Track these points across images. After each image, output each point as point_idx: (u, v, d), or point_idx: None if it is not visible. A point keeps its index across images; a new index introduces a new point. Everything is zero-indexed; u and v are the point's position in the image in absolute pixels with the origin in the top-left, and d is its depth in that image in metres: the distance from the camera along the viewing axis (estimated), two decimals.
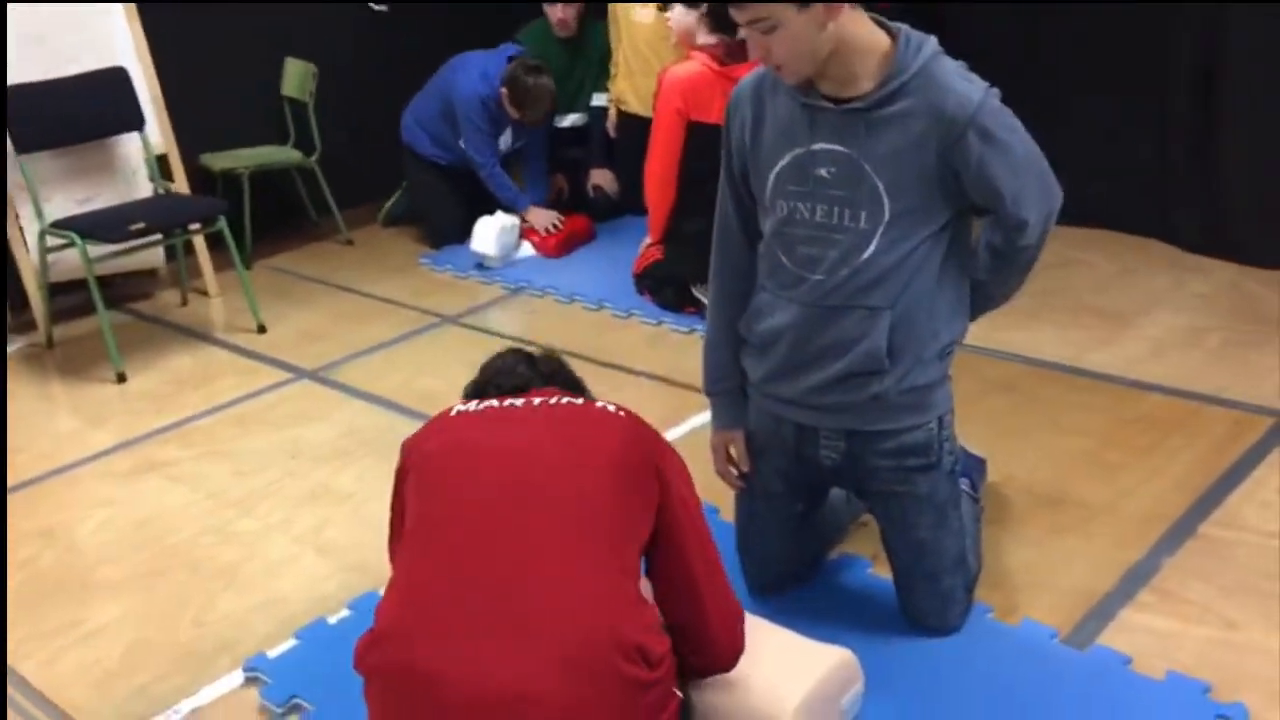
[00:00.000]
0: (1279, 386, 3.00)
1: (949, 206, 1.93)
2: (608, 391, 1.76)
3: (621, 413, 1.77)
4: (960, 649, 2.10)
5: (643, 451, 1.72)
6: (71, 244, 3.65)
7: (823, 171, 1.92)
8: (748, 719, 1.83)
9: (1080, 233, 4.23)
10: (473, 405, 1.80)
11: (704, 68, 3.60)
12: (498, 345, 2.03)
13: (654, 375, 3.43)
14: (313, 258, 4.88)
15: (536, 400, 1.78)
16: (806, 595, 2.29)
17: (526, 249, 4.52)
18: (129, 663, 2.29)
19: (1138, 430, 2.86)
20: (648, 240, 4.00)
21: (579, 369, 2.01)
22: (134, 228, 3.57)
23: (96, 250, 3.70)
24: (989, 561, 2.34)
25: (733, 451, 2.22)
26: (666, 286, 3.89)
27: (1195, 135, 3.95)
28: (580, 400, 1.82)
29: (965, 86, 1.85)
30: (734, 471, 2.23)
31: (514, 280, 4.30)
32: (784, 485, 2.18)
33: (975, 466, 2.54)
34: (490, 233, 4.37)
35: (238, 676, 2.21)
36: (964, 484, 2.41)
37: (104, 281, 4.42)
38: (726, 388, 2.21)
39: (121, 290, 4.52)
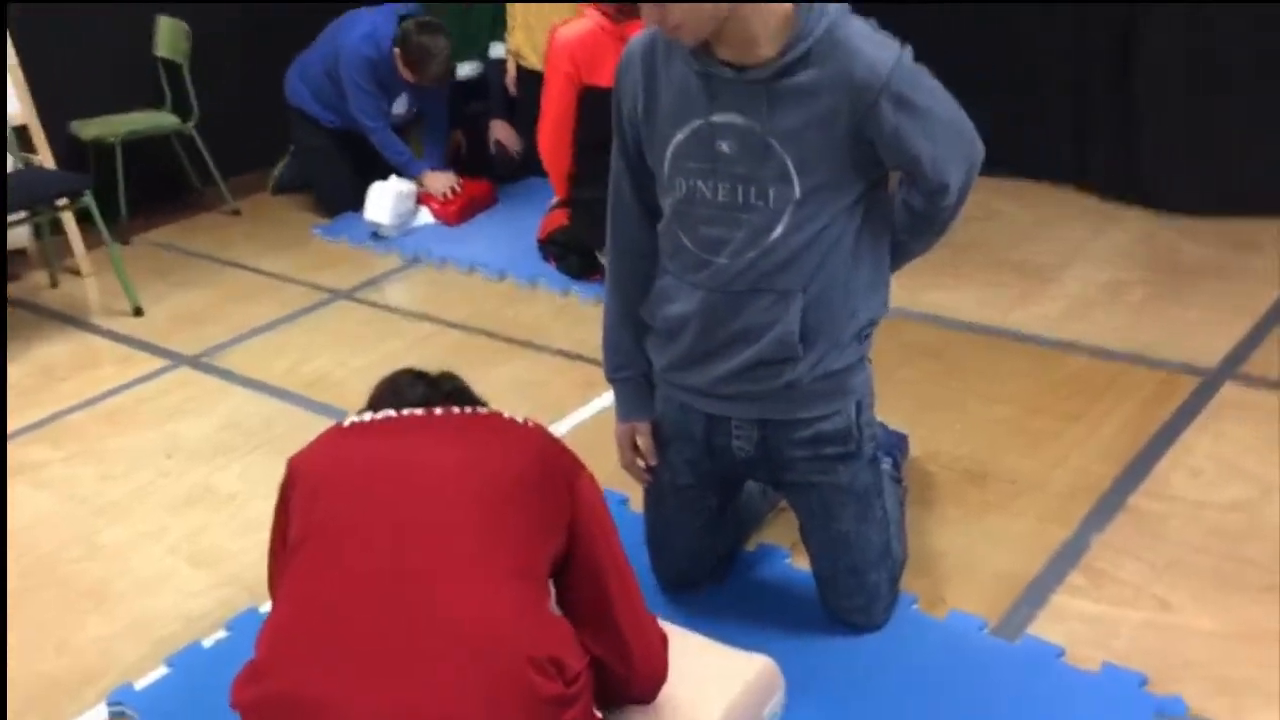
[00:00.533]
0: (1202, 343, 2.91)
1: (863, 177, 1.77)
2: (514, 369, 1.58)
3: (529, 423, 1.62)
4: (885, 645, 1.98)
5: (552, 463, 1.59)
6: None
7: (724, 146, 1.74)
8: None
9: (995, 183, 4.10)
10: (368, 416, 1.62)
11: (596, 26, 3.33)
12: (394, 322, 1.84)
13: (561, 350, 3.24)
14: (196, 231, 4.59)
15: (439, 410, 1.62)
16: (722, 592, 2.14)
17: (425, 216, 4.27)
18: None
19: (1064, 394, 2.75)
20: (554, 201, 3.79)
21: (483, 346, 1.83)
22: None
23: None
24: (914, 545, 2.21)
25: (639, 443, 2.05)
26: (571, 254, 3.69)
27: (1112, 76, 3.84)
28: (485, 410, 1.66)
29: (875, 51, 1.66)
30: (641, 464, 2.07)
31: (411, 250, 4.07)
32: (694, 478, 2.02)
33: (897, 444, 2.41)
34: (385, 200, 4.13)
35: (102, 712, 2.01)
36: (886, 464, 2.27)
37: None
38: (629, 375, 2.04)
39: None
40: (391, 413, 1.62)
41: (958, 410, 2.71)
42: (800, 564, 2.17)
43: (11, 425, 3.07)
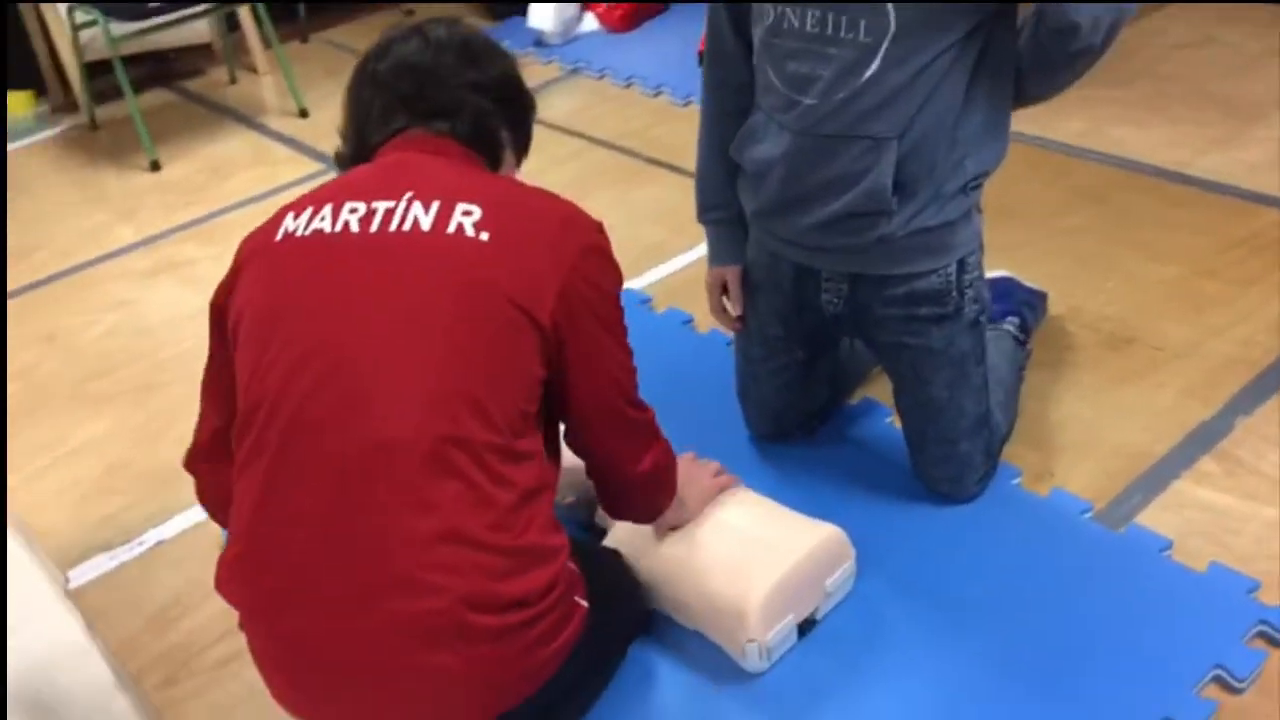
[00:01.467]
0: None
1: (978, 6, 1.55)
2: (653, 192, 1.43)
3: (485, 235, 1.30)
4: (972, 520, 1.85)
5: (519, 298, 1.30)
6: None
7: None
8: (711, 605, 1.64)
9: (1218, 5, 3.63)
10: (302, 221, 1.35)
11: None
12: (543, 135, 1.71)
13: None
14: (370, 30, 4.55)
15: (398, 216, 1.31)
16: (813, 446, 2.04)
17: (590, 22, 4.12)
18: (105, 485, 2.21)
19: (1242, 255, 2.45)
20: None
21: (625, 165, 1.67)
22: (153, 4, 3.33)
23: (127, 28, 3.49)
24: (1033, 413, 2.05)
25: (730, 289, 1.94)
26: None
27: None
28: (465, 210, 1.32)
29: None
30: (730, 313, 1.96)
31: (572, 59, 3.95)
32: (782, 329, 1.90)
33: (1030, 301, 2.21)
34: (548, 5, 3.99)
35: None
36: (1009, 324, 2.11)
37: (158, 57, 4.29)
38: (721, 217, 1.91)
39: (175, 66, 4.35)
40: (324, 224, 1.33)
41: (1116, 266, 2.46)
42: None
43: (168, 223, 3.20)
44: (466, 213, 1.30)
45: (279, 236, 1.36)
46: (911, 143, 1.61)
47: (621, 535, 1.74)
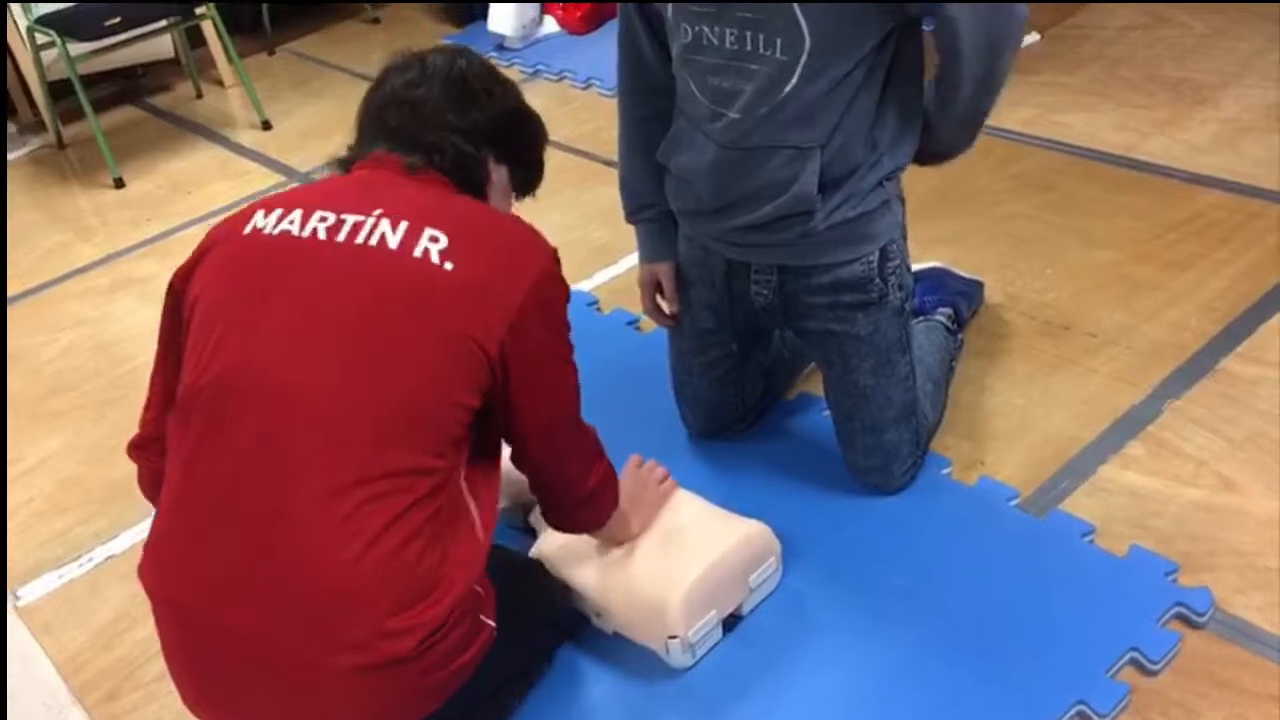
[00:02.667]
0: None
1: (886, 18, 1.58)
2: (605, 193, 1.46)
3: (449, 265, 1.33)
4: (899, 513, 1.87)
5: (471, 329, 1.33)
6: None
7: None
8: (633, 603, 1.67)
9: None
10: (272, 219, 1.39)
11: None
12: None
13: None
14: (336, 40, 4.61)
15: (366, 230, 1.34)
16: (745, 442, 2.07)
17: (550, 25, 4.15)
18: (57, 502, 2.25)
19: (1179, 238, 2.47)
20: None
21: (581, 167, 1.69)
22: (109, 23, 3.36)
23: (85, 47, 3.52)
24: (966, 402, 2.08)
25: (663, 285, 1.97)
26: None
27: None
28: (425, 229, 1.35)
29: None
30: (665, 310, 1.99)
31: (533, 63, 3.98)
32: (714, 322, 1.93)
33: (965, 291, 2.24)
34: (507, 9, 4.02)
35: None
36: (941, 314, 2.14)
37: (125, 73, 4.32)
38: (651, 215, 1.93)
39: (143, 83, 4.39)
40: (292, 225, 1.37)
41: (1054, 253, 2.47)
42: None
43: (129, 240, 3.23)
44: (433, 239, 1.33)
45: (247, 230, 1.40)
46: (833, 150, 1.64)
47: (551, 540, 1.76)
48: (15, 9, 3.73)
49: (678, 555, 1.68)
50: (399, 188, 1.41)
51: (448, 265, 1.32)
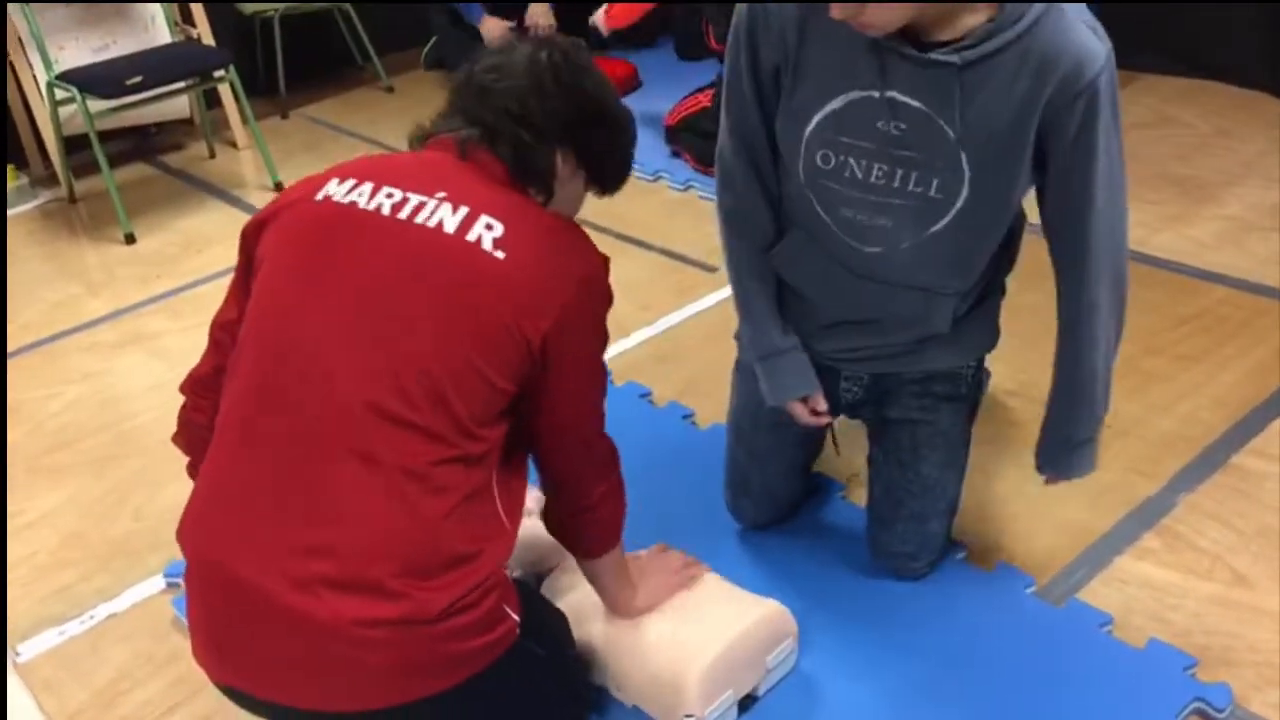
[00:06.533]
0: None
1: (1033, 175, 1.56)
2: (616, 268, 1.46)
3: (501, 253, 1.35)
4: (917, 598, 1.86)
5: (516, 316, 1.35)
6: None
7: (891, 127, 1.49)
8: (650, 679, 1.65)
9: (1180, 84, 3.73)
10: (344, 188, 1.43)
11: None
12: None
13: (666, 251, 3.16)
14: (351, 107, 4.67)
15: (427, 211, 1.38)
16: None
17: None
18: (60, 558, 2.22)
19: (1189, 332, 2.50)
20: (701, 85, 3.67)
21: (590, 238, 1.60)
22: (130, 82, 3.39)
23: (105, 105, 3.55)
24: (979, 489, 2.08)
25: (817, 410, 1.80)
26: (711, 138, 3.55)
27: None
28: (486, 223, 1.37)
29: (1093, 40, 1.42)
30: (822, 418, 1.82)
31: None
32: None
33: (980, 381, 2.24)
34: None
35: (159, 582, 2.11)
36: None
37: (139, 131, 4.36)
38: (790, 347, 1.77)
39: (156, 140, 4.42)
40: (358, 197, 1.40)
41: None
42: (854, 499, 2.07)
43: (138, 296, 3.23)
44: (489, 226, 1.36)
45: (319, 196, 1.43)
46: (970, 289, 1.66)
47: (565, 610, 1.75)
48: (36, 64, 3.76)
49: (696, 631, 1.66)
50: (463, 174, 1.44)
51: (500, 254, 1.34)
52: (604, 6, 3.98)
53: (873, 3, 1.34)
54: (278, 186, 3.84)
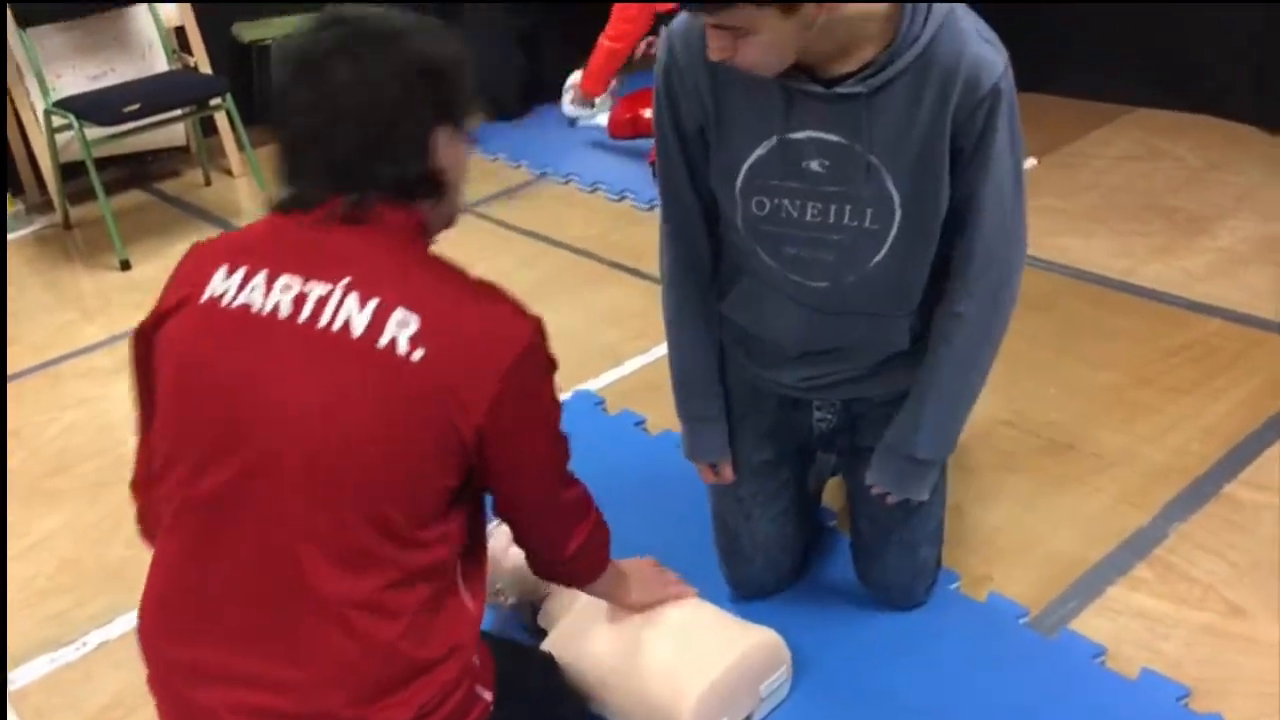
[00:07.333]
0: None
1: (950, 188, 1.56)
2: (612, 295, 1.38)
3: (419, 354, 1.24)
4: (910, 626, 1.87)
5: (445, 417, 1.26)
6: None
7: (813, 165, 1.52)
8: (644, 707, 1.65)
9: (1171, 117, 3.76)
10: (233, 283, 1.30)
11: None
12: (508, 238, 1.64)
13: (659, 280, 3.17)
14: None
15: (331, 308, 1.26)
16: None
17: (603, 118, 4.01)
18: (58, 582, 2.22)
19: (1180, 363, 2.51)
20: None
21: (587, 269, 1.56)
22: (128, 110, 3.41)
23: (102, 132, 3.56)
24: (971, 519, 2.09)
25: (722, 472, 1.87)
26: None
27: None
28: (387, 312, 1.26)
29: (990, 51, 1.44)
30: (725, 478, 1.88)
31: (540, 165, 4.04)
32: (773, 452, 1.86)
33: None
34: (567, 89, 4.01)
35: None
36: None
37: (135, 158, 4.37)
38: (711, 415, 1.83)
39: (152, 168, 4.43)
40: (254, 298, 1.27)
41: (1056, 374, 2.52)
42: (845, 529, 2.08)
43: (134, 321, 3.19)
44: (402, 323, 1.25)
45: (204, 297, 1.32)
46: (920, 306, 1.66)
47: (560, 638, 1.76)
48: (34, 91, 3.78)
49: (690, 659, 1.67)
50: (359, 242, 1.29)
51: (416, 354, 1.23)
52: (582, 71, 3.98)
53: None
54: None
